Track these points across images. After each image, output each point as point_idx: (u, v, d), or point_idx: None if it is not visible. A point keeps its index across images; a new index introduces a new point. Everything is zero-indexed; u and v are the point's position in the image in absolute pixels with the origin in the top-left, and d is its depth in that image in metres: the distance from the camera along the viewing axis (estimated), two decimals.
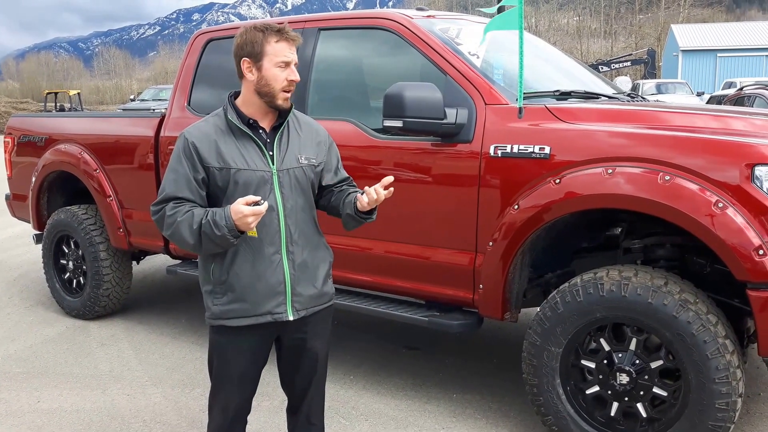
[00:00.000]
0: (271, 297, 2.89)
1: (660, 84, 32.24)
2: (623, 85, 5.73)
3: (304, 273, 2.96)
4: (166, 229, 2.83)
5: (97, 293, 6.30)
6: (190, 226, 2.74)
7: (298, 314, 2.95)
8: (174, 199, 2.83)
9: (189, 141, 2.86)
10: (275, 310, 2.90)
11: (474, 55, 4.39)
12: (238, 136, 2.88)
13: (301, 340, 3.06)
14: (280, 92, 2.85)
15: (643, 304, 3.45)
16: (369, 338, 5.86)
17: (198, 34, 5.84)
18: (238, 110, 2.91)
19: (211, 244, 2.75)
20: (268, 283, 2.88)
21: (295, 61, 2.88)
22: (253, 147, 2.87)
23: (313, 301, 3.01)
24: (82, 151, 6.23)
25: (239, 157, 2.84)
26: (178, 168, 2.85)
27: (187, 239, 2.76)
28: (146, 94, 40.90)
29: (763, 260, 3.19)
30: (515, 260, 3.92)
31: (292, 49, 2.88)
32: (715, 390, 3.34)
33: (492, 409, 4.50)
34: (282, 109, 2.90)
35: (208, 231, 2.71)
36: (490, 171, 3.98)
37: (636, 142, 3.61)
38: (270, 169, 2.87)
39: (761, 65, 46.91)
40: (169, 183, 2.85)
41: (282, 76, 2.85)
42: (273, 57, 2.85)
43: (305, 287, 2.96)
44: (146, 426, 4.36)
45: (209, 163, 2.82)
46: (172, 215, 2.80)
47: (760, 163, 3.27)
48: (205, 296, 2.98)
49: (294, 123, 3.01)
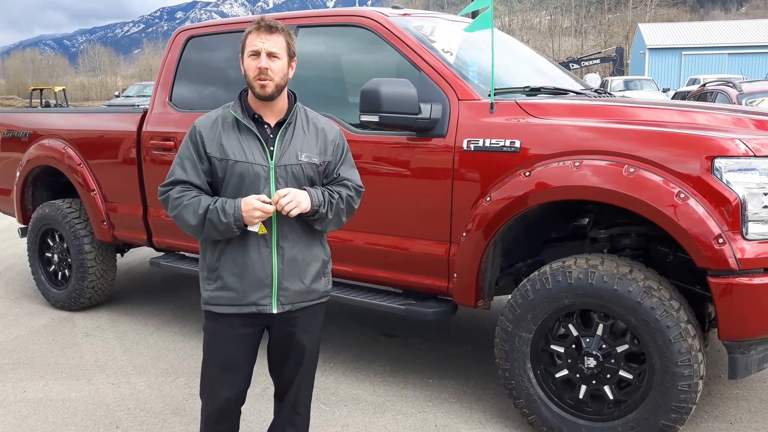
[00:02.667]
0: (258, 289, 2.96)
1: (628, 81, 32.68)
2: (593, 81, 5.85)
3: (292, 268, 3.00)
4: (171, 210, 2.96)
5: (82, 285, 6.38)
6: (195, 210, 2.86)
7: (283, 308, 3.01)
8: (181, 183, 2.94)
9: (197, 129, 2.98)
10: (260, 301, 2.97)
11: (447, 52, 4.50)
12: (241, 129, 2.96)
13: (289, 333, 3.12)
14: (255, 81, 2.89)
15: (609, 291, 3.58)
16: (348, 326, 5.98)
17: (179, 31, 5.91)
18: (246, 105, 3.00)
19: (214, 231, 2.87)
20: (255, 275, 2.95)
21: (267, 50, 2.88)
22: (254, 141, 2.94)
23: (300, 297, 3.05)
24: (66, 146, 6.30)
25: (239, 150, 2.92)
26: (185, 153, 2.97)
27: (190, 222, 2.88)
28: (131, 91, 40.64)
29: (722, 248, 3.31)
30: (488, 250, 4.03)
31: (263, 38, 2.89)
32: (678, 372, 3.47)
33: (467, 393, 4.64)
34: (260, 97, 2.92)
35: (213, 217, 2.83)
36: (464, 164, 4.09)
37: (602, 135, 3.73)
38: (268, 164, 2.93)
39: (723, 63, 48.11)
40: (177, 167, 2.97)
41: (253, 65, 2.89)
42: (246, 49, 2.93)
43: (292, 282, 3.01)
44: (131, 414, 4.45)
45: (211, 152, 2.93)
46: (178, 198, 2.91)
47: (719, 156, 3.37)
48: (201, 281, 3.09)
49: (302, 121, 3.06)
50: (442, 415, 4.34)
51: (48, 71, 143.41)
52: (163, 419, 4.37)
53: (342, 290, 4.72)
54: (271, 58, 2.90)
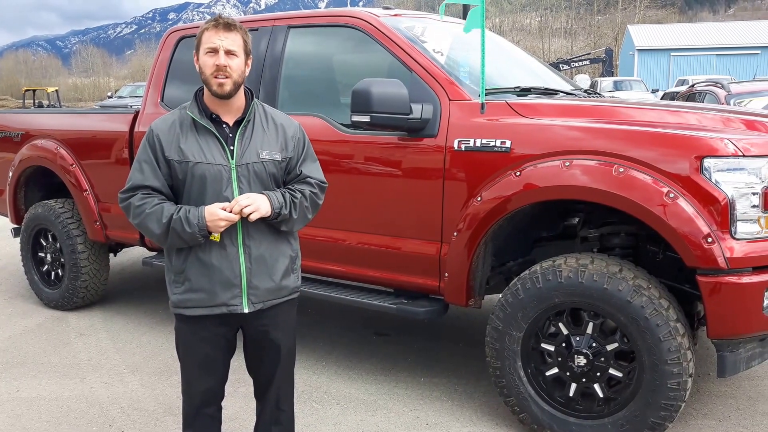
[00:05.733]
0: (227, 289, 2.94)
1: (617, 81, 33.05)
2: (582, 82, 5.88)
3: (260, 266, 2.98)
4: (133, 219, 2.93)
5: (75, 285, 6.39)
6: (158, 219, 2.83)
7: (254, 307, 2.99)
8: (141, 188, 2.91)
9: (154, 132, 2.94)
10: (230, 302, 2.95)
11: (438, 52, 4.53)
12: (199, 130, 2.93)
13: (263, 332, 3.10)
14: (212, 78, 2.87)
15: (599, 290, 3.60)
16: (340, 326, 6.00)
17: (170, 32, 5.92)
18: (203, 105, 2.97)
19: (178, 239, 2.85)
20: (223, 276, 2.93)
21: (225, 48, 2.87)
22: (214, 141, 2.92)
23: (271, 294, 3.03)
24: (59, 147, 6.31)
25: (198, 151, 2.89)
26: (144, 157, 2.93)
27: (154, 231, 2.86)
28: (123, 91, 40.66)
29: (711, 247, 3.34)
30: (478, 249, 4.05)
31: (221, 36, 2.87)
32: (667, 371, 3.50)
33: (458, 391, 4.66)
34: (218, 95, 2.89)
35: (177, 227, 2.80)
36: (455, 164, 4.11)
37: (592, 135, 3.75)
38: (228, 164, 2.90)
39: (711, 64, 48.48)
40: (135, 172, 2.93)
41: (210, 62, 2.87)
42: (203, 45, 2.91)
43: (262, 280, 2.99)
44: (124, 412, 4.46)
45: (170, 155, 2.90)
46: (140, 206, 2.88)
47: (708, 155, 3.40)
48: (168, 285, 3.07)
49: (260, 118, 3.04)
50: (433, 413, 4.36)
51: (41, 72, 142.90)
52: (156, 418, 4.38)
53: (334, 290, 4.74)
54: (229, 55, 2.89)
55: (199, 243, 2.88)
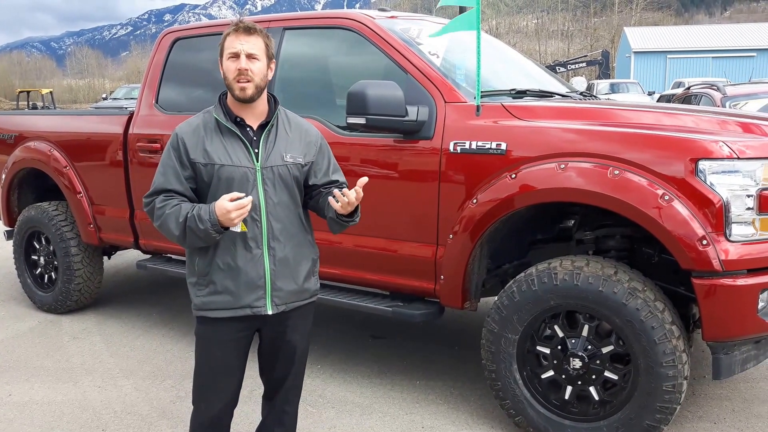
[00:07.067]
0: (251, 291, 2.96)
1: (613, 84, 33.21)
2: (579, 84, 5.89)
3: (285, 269, 3.01)
4: (156, 221, 2.94)
5: (68, 288, 6.36)
6: (176, 218, 2.84)
7: (278, 309, 3.01)
8: (164, 192, 2.92)
9: (179, 136, 2.96)
10: (255, 303, 2.97)
11: (434, 54, 4.52)
12: (224, 133, 2.95)
13: (281, 334, 3.13)
14: (234, 83, 2.89)
15: (594, 292, 3.60)
16: (336, 328, 5.99)
17: (165, 33, 5.90)
18: (228, 108, 2.99)
19: (195, 238, 2.85)
20: (248, 277, 2.94)
21: (246, 52, 2.88)
22: (239, 144, 2.94)
23: (294, 297, 3.06)
24: (52, 149, 6.28)
25: (224, 154, 2.91)
26: (167, 161, 2.96)
27: (174, 231, 2.87)
28: (118, 93, 40.61)
29: (706, 250, 3.34)
30: (474, 252, 4.05)
31: (241, 40, 2.89)
32: (663, 373, 3.50)
33: (453, 394, 4.66)
34: (240, 99, 2.92)
35: (192, 225, 2.81)
36: (450, 166, 4.10)
37: (587, 138, 3.75)
38: (254, 166, 2.92)
39: (707, 66, 48.81)
40: (159, 176, 2.96)
41: (233, 67, 2.89)
42: (225, 51, 2.92)
43: (285, 282, 3.01)
44: (117, 417, 4.44)
45: (195, 158, 2.91)
46: (161, 207, 2.90)
47: (703, 158, 3.40)
48: (190, 288, 3.07)
49: (284, 122, 3.07)
50: (429, 417, 4.35)
51: (35, 73, 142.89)
52: (150, 422, 4.36)
53: (330, 292, 4.72)
54: (251, 59, 2.90)
55: (215, 241, 2.88)
